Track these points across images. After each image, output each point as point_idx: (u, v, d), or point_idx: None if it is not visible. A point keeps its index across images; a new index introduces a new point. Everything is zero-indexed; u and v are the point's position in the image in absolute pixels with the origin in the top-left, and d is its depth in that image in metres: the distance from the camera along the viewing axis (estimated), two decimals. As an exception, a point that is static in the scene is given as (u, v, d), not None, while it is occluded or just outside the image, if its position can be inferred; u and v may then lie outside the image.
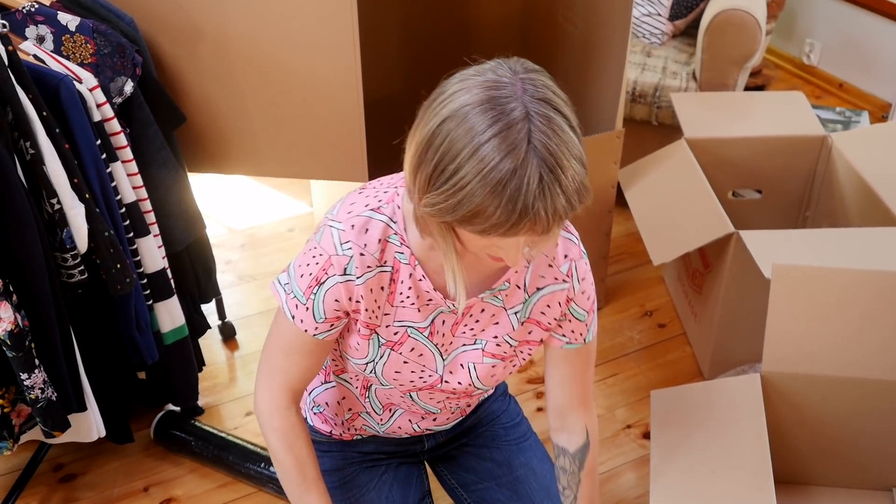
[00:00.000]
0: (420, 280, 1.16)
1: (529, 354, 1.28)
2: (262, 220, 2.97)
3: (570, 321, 1.25)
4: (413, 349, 1.22)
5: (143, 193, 1.78)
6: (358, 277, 1.13)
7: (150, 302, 1.85)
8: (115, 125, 1.68)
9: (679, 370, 2.36)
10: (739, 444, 1.54)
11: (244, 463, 2.00)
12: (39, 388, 1.57)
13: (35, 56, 1.62)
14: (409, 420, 1.37)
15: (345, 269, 1.13)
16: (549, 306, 1.23)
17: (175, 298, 1.89)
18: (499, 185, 0.90)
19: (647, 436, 2.16)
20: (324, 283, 1.13)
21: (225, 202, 3.04)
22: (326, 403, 1.41)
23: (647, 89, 2.79)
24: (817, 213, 2.47)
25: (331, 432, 1.44)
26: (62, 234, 1.57)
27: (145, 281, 1.82)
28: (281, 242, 2.87)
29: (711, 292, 2.21)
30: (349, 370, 1.31)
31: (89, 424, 1.76)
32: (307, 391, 1.45)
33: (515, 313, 1.22)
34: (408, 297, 1.17)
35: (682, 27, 3.04)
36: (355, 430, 1.42)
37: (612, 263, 2.74)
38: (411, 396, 1.29)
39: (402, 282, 1.16)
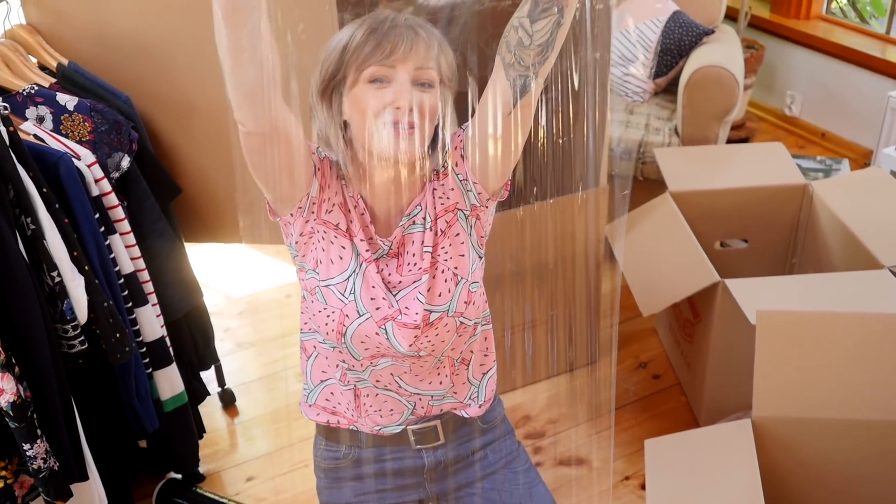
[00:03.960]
0: (363, 214, 1.29)
1: (461, 244, 1.31)
2: (260, 287, 3.01)
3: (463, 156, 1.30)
4: (375, 273, 1.30)
5: (141, 264, 1.83)
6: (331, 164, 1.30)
7: (150, 370, 1.88)
8: (112, 199, 1.74)
9: (675, 420, 2.38)
10: (733, 489, 1.55)
11: (246, 528, 2.01)
12: (42, 458, 1.59)
13: (35, 136, 1.68)
14: (392, 374, 1.35)
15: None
16: (446, 184, 1.31)
17: (174, 366, 1.92)
18: (361, 21, 1.19)
19: (644, 486, 2.16)
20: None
21: (222, 271, 3.08)
22: (314, 379, 1.42)
23: (631, 146, 2.86)
24: (803, 259, 2.51)
25: (328, 421, 1.42)
26: (63, 305, 1.61)
27: (144, 349, 1.85)
28: (279, 309, 2.90)
29: (702, 341, 2.24)
30: (320, 319, 1.30)
31: (91, 494, 1.77)
32: (304, 394, 1.45)
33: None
34: (356, 226, 1.29)
35: (662, 85, 3.12)
36: (349, 401, 1.40)
37: (604, 317, 2.77)
38: (386, 331, 1.28)
39: (350, 210, 1.29)
